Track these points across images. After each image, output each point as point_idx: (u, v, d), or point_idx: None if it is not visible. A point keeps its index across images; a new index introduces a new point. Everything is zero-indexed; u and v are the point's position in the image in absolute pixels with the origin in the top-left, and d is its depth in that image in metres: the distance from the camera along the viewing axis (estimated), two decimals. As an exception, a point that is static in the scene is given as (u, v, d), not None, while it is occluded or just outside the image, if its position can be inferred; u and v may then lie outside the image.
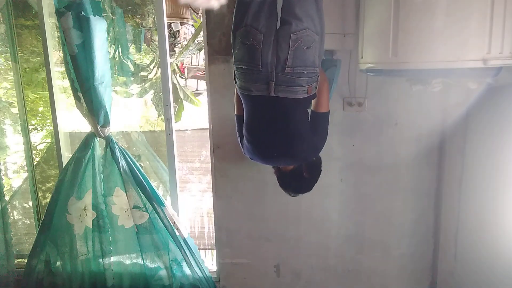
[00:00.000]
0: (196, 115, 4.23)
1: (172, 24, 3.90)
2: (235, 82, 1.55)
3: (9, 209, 2.50)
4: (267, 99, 1.46)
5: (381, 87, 2.00)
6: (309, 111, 1.61)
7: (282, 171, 1.71)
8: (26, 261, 2.34)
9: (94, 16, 1.97)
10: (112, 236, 2.27)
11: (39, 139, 2.73)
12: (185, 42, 4.13)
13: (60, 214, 2.23)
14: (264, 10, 1.40)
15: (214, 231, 2.33)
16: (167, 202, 2.29)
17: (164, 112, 2.27)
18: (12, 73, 2.45)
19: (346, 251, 2.26)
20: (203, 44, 2.20)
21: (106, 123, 2.13)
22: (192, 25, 4.13)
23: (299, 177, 1.68)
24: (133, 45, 2.47)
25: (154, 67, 2.86)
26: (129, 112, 2.62)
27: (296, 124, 1.53)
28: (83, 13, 1.92)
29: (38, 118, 2.68)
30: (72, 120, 2.44)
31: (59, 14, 1.91)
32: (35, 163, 2.58)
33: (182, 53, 3.93)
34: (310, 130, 1.57)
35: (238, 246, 2.30)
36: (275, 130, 1.52)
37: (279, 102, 1.46)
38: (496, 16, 1.32)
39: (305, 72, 1.42)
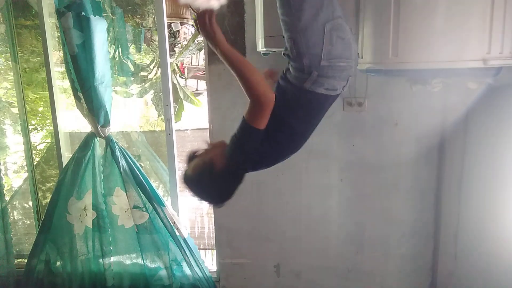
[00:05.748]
0: (196, 115, 4.22)
1: (172, 24, 3.90)
2: (309, 85, 1.25)
3: (9, 209, 2.50)
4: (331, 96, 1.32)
5: (381, 87, 2.00)
6: None
7: None
8: (26, 261, 2.35)
9: (94, 16, 1.97)
10: (112, 236, 2.27)
11: (39, 139, 2.72)
12: (185, 42, 4.13)
13: (60, 214, 2.23)
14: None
15: (214, 231, 2.33)
16: (167, 202, 2.29)
17: (164, 112, 2.27)
18: (12, 73, 2.45)
19: (346, 251, 2.26)
20: (203, 44, 2.20)
21: (106, 123, 2.13)
22: (192, 25, 4.13)
23: None
24: (133, 45, 2.47)
25: (154, 67, 2.86)
26: (129, 112, 2.62)
27: None
28: (83, 13, 1.92)
29: (38, 118, 2.68)
30: (72, 120, 2.44)
31: (59, 14, 1.91)
32: (35, 163, 2.58)
33: (182, 53, 3.92)
34: None
35: (238, 246, 2.30)
36: (310, 130, 1.36)
37: (333, 99, 1.35)
38: (496, 16, 1.32)
39: None
